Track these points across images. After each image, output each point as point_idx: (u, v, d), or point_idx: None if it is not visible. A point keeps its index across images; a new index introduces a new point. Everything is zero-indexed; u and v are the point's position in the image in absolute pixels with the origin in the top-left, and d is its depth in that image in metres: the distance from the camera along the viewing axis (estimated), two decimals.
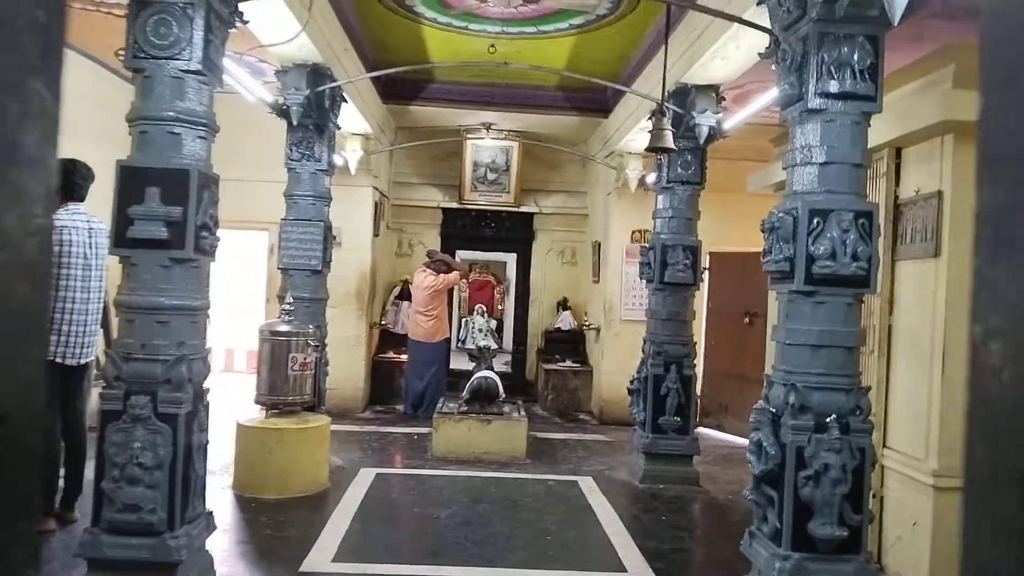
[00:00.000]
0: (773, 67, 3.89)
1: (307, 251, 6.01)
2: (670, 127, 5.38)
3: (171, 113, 3.41)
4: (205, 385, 3.65)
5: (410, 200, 10.16)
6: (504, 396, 7.30)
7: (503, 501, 5.45)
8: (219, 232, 3.76)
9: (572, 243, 10.41)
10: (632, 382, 6.31)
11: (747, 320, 8.20)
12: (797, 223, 3.48)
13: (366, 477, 5.92)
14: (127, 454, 3.30)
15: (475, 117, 9.11)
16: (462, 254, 12.40)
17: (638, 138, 7.68)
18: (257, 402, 5.54)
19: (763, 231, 3.73)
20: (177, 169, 3.39)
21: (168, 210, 3.35)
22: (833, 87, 3.46)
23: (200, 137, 3.53)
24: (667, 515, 5.33)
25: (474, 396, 6.97)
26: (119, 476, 3.31)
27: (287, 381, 5.47)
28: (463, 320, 15.82)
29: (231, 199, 8.42)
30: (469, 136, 9.50)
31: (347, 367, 8.58)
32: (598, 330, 9.12)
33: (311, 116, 5.91)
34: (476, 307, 15.88)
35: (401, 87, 8.57)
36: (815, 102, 3.50)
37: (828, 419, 3.41)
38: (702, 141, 5.83)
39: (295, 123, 5.76)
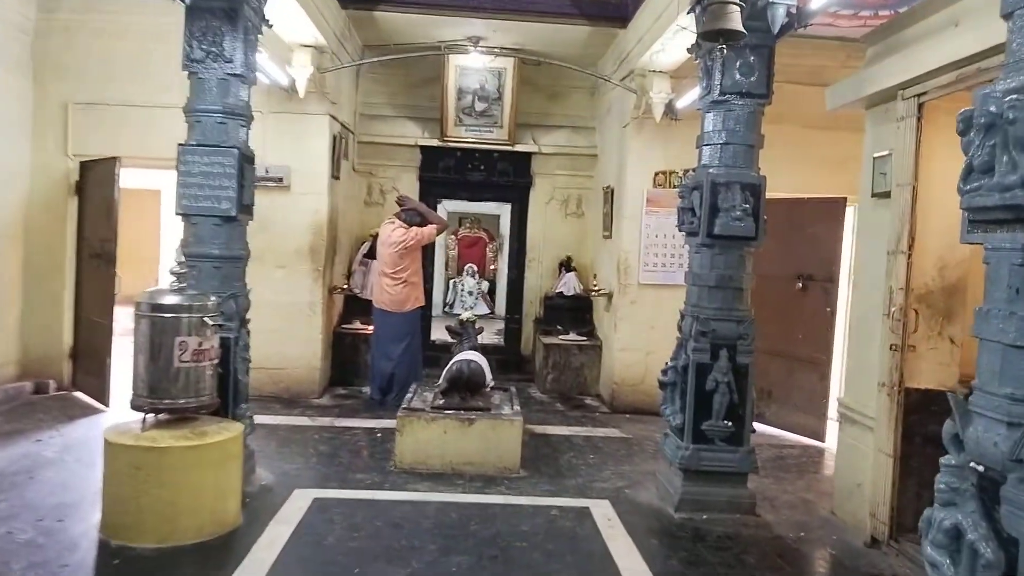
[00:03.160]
0: None
1: (215, 189, 4.27)
2: (737, 1, 3.61)
3: None
4: None
5: (381, 136, 8.34)
6: (493, 383, 5.64)
7: (488, 547, 3.80)
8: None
9: (578, 190, 8.63)
10: (665, 372, 4.64)
11: (799, 285, 6.49)
12: None
13: (299, 504, 4.27)
14: None
15: (459, 28, 7.27)
16: (447, 205, 10.73)
17: (669, 46, 5.92)
18: (133, 406, 3.85)
19: (963, 132, 2.00)
20: None
21: None
22: None
23: None
24: (722, 570, 3.69)
25: (453, 386, 5.29)
26: None
27: (174, 376, 3.77)
28: (451, 281, 14.16)
29: (134, 130, 6.63)
30: (452, 53, 7.67)
31: (300, 342, 6.94)
32: (609, 296, 7.42)
33: None
34: (466, 267, 14.21)
35: None
36: None
37: None
38: (776, 29, 4.04)
39: (188, 2, 3.96)
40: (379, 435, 5.81)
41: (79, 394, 6.74)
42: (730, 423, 4.38)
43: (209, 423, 3.93)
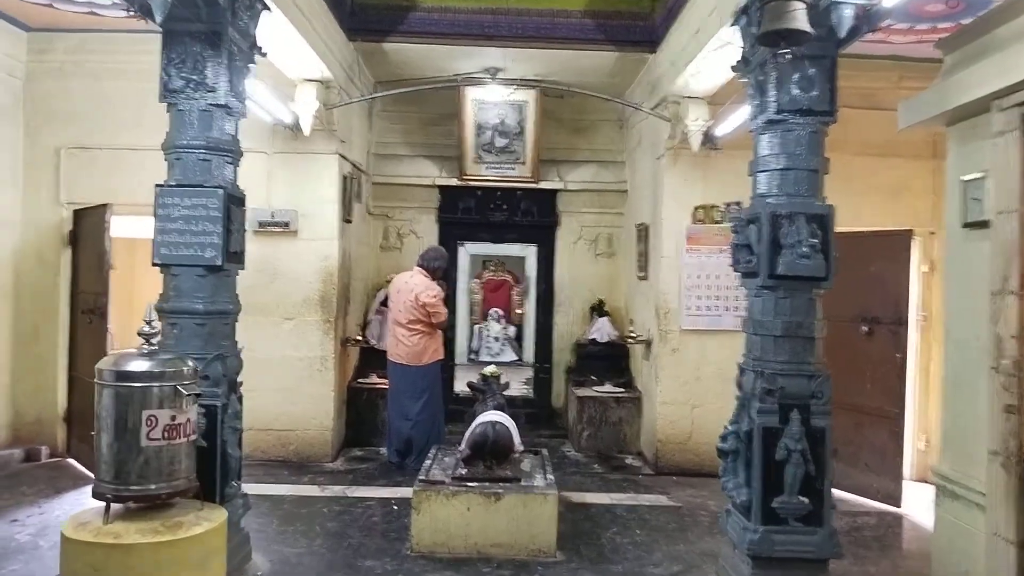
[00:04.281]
0: None
1: (197, 235, 3.73)
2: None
3: None
4: None
5: (396, 177, 7.84)
6: (522, 448, 4.98)
7: None
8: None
9: (608, 228, 8.02)
10: (724, 438, 3.94)
11: (865, 329, 5.79)
12: None
13: None
14: None
15: (475, 60, 6.79)
16: (468, 248, 10.21)
17: (705, 68, 5.37)
18: (95, 494, 3.26)
19: None
20: None
21: None
22: None
23: None
24: None
25: (476, 452, 4.64)
26: None
27: (142, 457, 3.17)
28: (476, 327, 13.53)
29: (132, 175, 5.62)
30: (469, 86, 7.18)
31: (311, 400, 6.36)
32: (648, 343, 6.76)
33: (196, 18, 3.65)
34: (491, 311, 13.59)
35: (371, 16, 6.28)
36: None
37: None
38: (843, 33, 3.45)
39: (160, 22, 3.46)
40: (396, 507, 5.17)
41: (72, 462, 6.20)
42: (806, 499, 3.68)
43: (187, 511, 3.31)
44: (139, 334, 3.31)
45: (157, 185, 3.79)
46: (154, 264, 3.80)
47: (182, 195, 3.75)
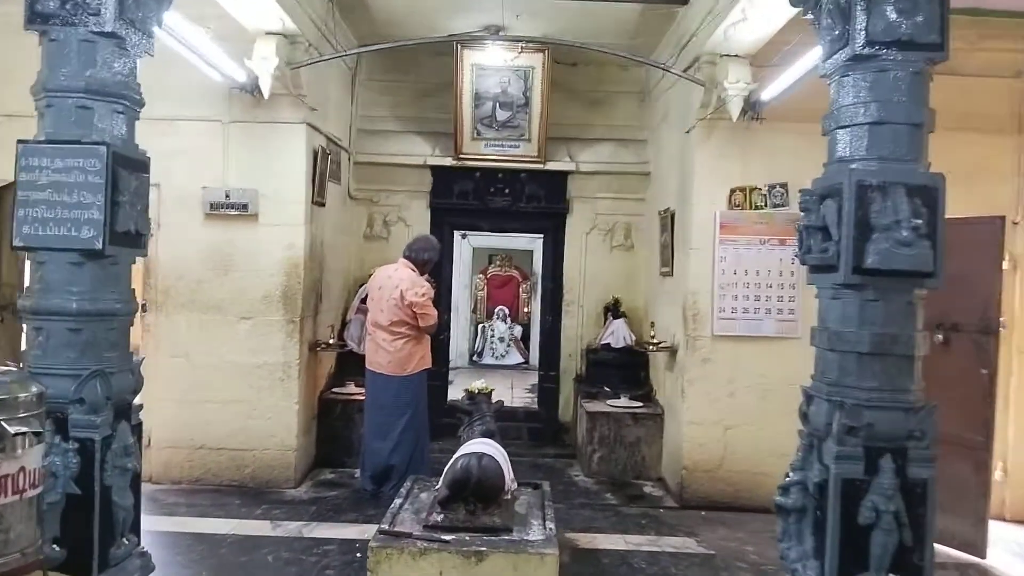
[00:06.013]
0: None
1: (71, 208, 2.74)
2: None
3: None
4: None
5: (383, 156, 6.81)
6: (515, 486, 3.96)
7: None
8: None
9: (626, 216, 6.96)
10: (786, 491, 2.90)
11: (939, 338, 4.74)
12: None
13: None
14: None
15: (473, 16, 5.80)
16: (472, 240, 9.28)
17: (753, 14, 4.33)
18: None
19: None
20: None
21: None
22: None
23: None
24: None
25: (456, 493, 3.63)
26: None
27: None
28: (479, 326, 12.57)
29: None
30: (467, 49, 6.15)
31: (271, 414, 5.40)
32: (673, 351, 5.73)
33: None
34: (496, 310, 12.63)
35: None
36: None
37: None
38: None
39: None
40: (360, 554, 4.18)
41: None
42: None
43: None
44: None
45: (19, 141, 2.80)
46: (14, 248, 2.82)
47: (52, 154, 2.76)
